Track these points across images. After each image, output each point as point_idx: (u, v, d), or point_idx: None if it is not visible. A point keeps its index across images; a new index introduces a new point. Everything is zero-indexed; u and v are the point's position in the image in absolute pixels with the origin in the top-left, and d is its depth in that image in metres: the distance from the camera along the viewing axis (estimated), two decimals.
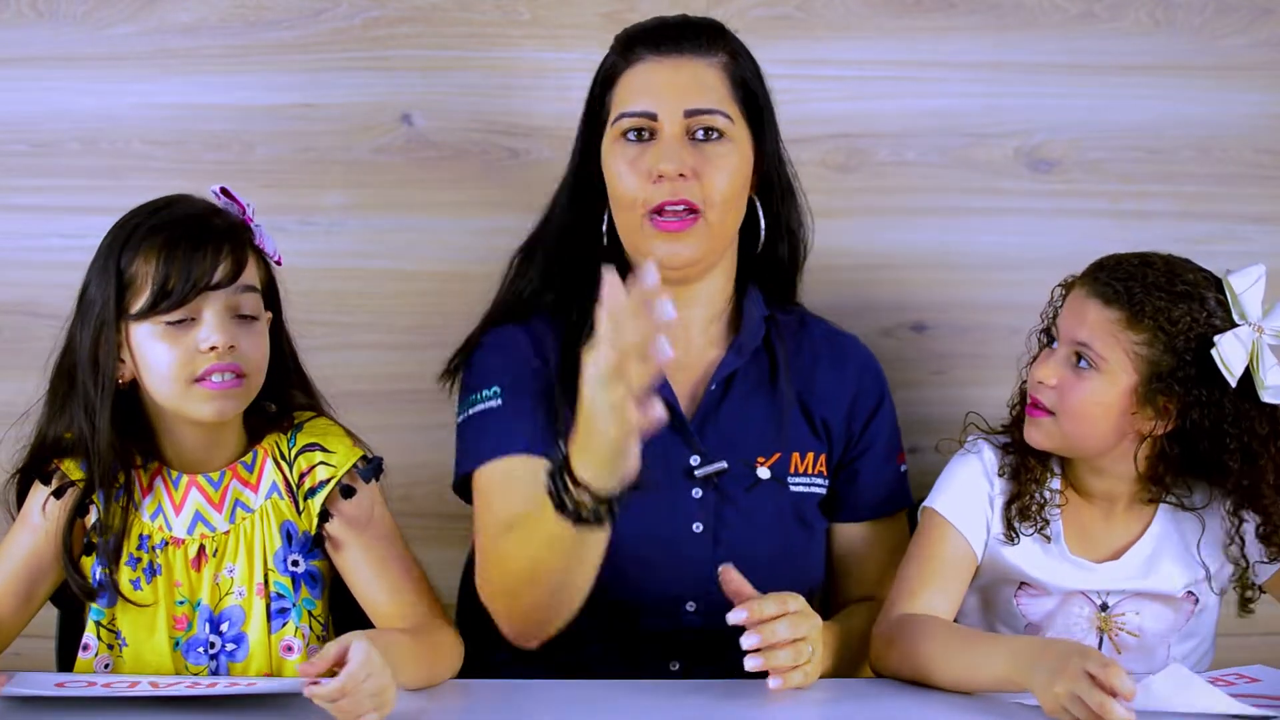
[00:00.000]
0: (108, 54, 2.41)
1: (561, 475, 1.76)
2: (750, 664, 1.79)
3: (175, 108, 2.42)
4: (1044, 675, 1.70)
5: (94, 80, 2.41)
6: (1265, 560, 1.96)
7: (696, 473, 2.05)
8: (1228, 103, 2.45)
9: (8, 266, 2.43)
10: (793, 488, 2.08)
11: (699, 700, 1.83)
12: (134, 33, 2.41)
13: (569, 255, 2.11)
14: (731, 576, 1.85)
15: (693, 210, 2.02)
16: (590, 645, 2.03)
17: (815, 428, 2.11)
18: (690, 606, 2.04)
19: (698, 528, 2.04)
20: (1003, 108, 2.46)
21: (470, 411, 2.06)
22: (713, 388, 2.08)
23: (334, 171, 2.44)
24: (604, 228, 2.10)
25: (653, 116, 2.03)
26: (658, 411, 1.67)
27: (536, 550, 1.84)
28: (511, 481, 1.98)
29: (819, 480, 2.10)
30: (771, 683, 1.80)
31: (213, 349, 1.80)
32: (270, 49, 2.42)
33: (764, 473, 2.07)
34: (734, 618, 1.80)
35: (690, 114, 2.03)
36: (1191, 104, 2.45)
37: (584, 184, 2.11)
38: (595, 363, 1.67)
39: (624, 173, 2.04)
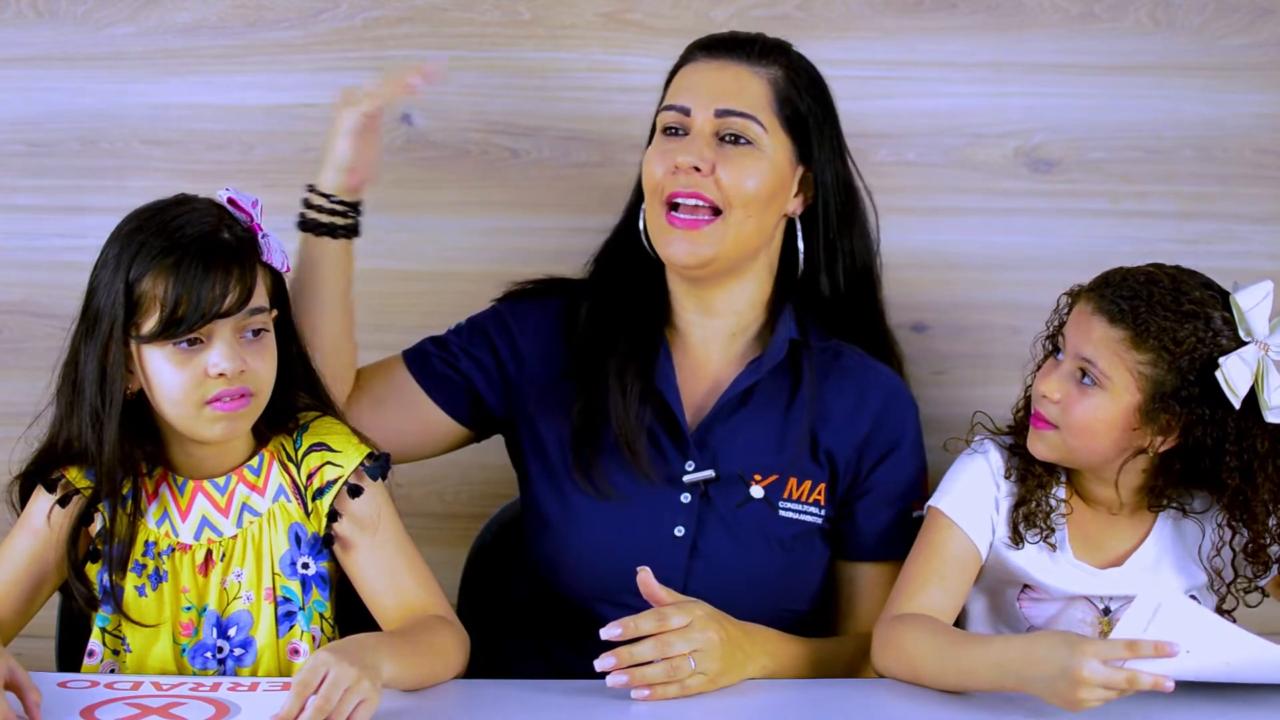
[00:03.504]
0: (108, 54, 2.41)
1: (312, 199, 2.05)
2: (612, 681, 1.79)
3: (175, 108, 2.42)
4: (1050, 688, 1.73)
5: (94, 80, 2.41)
6: (1249, 577, 1.96)
7: (685, 478, 2.05)
8: (1228, 103, 2.45)
9: (8, 266, 2.42)
10: (782, 512, 2.06)
11: (696, 700, 1.83)
12: (134, 33, 2.41)
13: (617, 255, 2.15)
14: (646, 579, 1.85)
15: (715, 210, 2.02)
16: (556, 648, 2.05)
17: (819, 457, 2.08)
18: None
19: (679, 531, 2.03)
20: (1003, 108, 2.45)
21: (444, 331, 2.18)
22: (722, 401, 2.07)
23: None
24: (641, 225, 2.10)
25: (686, 111, 2.04)
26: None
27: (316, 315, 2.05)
28: (387, 378, 2.14)
29: (813, 509, 2.07)
30: (635, 694, 1.79)
31: (222, 375, 1.79)
32: (270, 49, 2.42)
33: (757, 491, 2.05)
34: (607, 633, 1.80)
35: (721, 114, 2.03)
36: (1191, 104, 2.45)
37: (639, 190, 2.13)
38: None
39: (652, 160, 2.05)
